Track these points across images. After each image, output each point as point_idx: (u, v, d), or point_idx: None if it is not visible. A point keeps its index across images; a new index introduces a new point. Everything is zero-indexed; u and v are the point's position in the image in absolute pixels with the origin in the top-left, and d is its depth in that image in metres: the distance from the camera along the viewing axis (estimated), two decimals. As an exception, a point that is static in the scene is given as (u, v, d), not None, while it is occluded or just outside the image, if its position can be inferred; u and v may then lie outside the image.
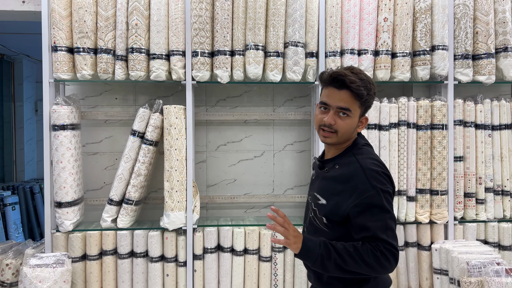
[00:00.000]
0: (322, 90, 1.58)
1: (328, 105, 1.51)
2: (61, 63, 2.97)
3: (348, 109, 1.49)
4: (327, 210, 1.54)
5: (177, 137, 2.99)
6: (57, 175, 2.94)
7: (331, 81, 1.51)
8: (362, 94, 1.50)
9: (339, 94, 1.49)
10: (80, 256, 3.01)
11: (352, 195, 1.47)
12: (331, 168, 1.58)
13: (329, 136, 1.51)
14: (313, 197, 1.63)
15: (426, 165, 3.17)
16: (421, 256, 3.22)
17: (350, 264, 1.42)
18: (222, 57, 3.00)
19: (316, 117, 1.54)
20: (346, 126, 1.50)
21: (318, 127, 1.53)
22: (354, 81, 1.48)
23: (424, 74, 3.17)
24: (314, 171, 1.76)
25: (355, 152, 1.56)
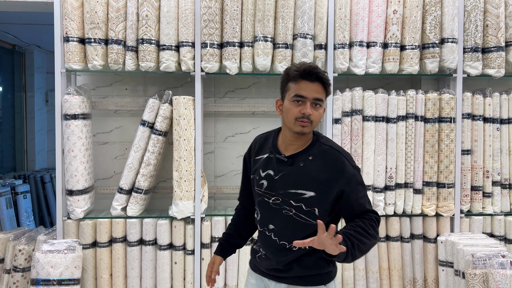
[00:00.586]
0: (289, 84, 1.59)
1: (304, 97, 1.55)
2: (72, 53, 3.01)
3: (322, 100, 1.58)
4: (318, 200, 1.58)
5: (186, 127, 3.02)
6: (69, 164, 2.99)
7: (305, 75, 1.56)
8: (330, 85, 1.61)
9: (313, 86, 1.55)
10: (91, 243, 3.07)
11: (339, 179, 1.57)
12: (305, 160, 1.61)
13: (307, 126, 1.56)
14: (290, 194, 1.60)
15: (433, 158, 3.18)
16: (426, 248, 3.24)
17: (367, 244, 1.52)
18: (231, 49, 3.02)
19: (291, 110, 1.56)
20: (319, 116, 1.58)
21: (294, 120, 1.56)
22: (324, 74, 1.58)
23: (433, 67, 3.17)
24: (269, 170, 1.65)
25: (322, 141, 1.65)
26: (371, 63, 3.15)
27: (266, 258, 1.74)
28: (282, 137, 1.70)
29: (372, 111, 3.12)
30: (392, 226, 3.20)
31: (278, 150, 1.67)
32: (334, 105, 3.11)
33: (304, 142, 1.65)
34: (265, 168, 1.67)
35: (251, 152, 1.79)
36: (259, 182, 1.68)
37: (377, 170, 3.15)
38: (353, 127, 3.13)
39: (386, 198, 3.18)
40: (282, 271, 1.69)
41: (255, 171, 1.71)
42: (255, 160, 1.73)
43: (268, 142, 1.73)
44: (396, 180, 3.18)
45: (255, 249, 1.82)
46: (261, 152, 1.73)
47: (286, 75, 1.61)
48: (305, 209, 1.59)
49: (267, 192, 1.65)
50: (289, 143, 1.66)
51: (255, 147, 1.77)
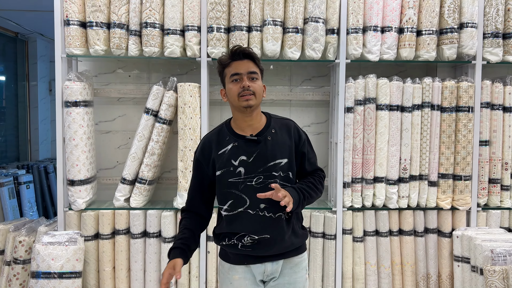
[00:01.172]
0: (225, 71, 1.75)
1: (239, 74, 1.70)
2: (73, 37, 2.89)
3: (256, 72, 1.72)
4: (290, 165, 1.77)
5: (191, 116, 2.90)
6: (70, 153, 2.88)
7: (233, 56, 1.72)
8: (259, 59, 1.77)
9: (244, 63, 1.71)
10: (93, 235, 2.97)
11: (299, 143, 1.82)
12: (270, 134, 1.77)
13: (251, 98, 1.68)
14: (270, 167, 1.73)
15: (449, 149, 3.04)
16: (441, 243, 3.11)
17: (314, 197, 1.82)
18: (238, 33, 2.89)
19: (232, 90, 1.71)
20: (258, 87, 1.71)
21: (237, 96, 1.68)
22: (250, 50, 1.75)
23: (450, 53, 3.01)
24: (240, 156, 1.75)
25: (274, 117, 1.85)
26: (386, 49, 3.00)
27: (259, 243, 1.75)
28: (236, 123, 1.79)
29: (386, 99, 2.98)
30: (406, 220, 3.08)
31: (242, 135, 1.76)
32: (347, 93, 2.97)
33: (258, 120, 1.79)
34: (236, 156, 1.74)
35: (206, 152, 1.80)
36: (235, 172, 1.74)
37: (390, 162, 3.02)
38: (366, 116, 2.99)
39: (400, 190, 3.05)
40: (282, 248, 1.77)
41: (224, 164, 1.75)
42: (218, 155, 1.76)
43: (223, 135, 1.79)
44: (411, 172, 3.05)
45: (231, 244, 1.78)
46: (222, 146, 1.77)
47: (220, 64, 1.77)
48: (283, 175, 1.75)
49: (247, 176, 1.73)
50: (245, 125, 1.77)
51: (212, 144, 1.80)
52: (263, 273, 1.79)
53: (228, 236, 1.79)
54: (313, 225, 3.06)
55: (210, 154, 1.78)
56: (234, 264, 1.81)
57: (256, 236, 1.74)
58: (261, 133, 1.77)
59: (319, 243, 3.05)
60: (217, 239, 1.85)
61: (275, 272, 1.80)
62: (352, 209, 3.06)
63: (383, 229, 3.07)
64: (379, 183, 3.03)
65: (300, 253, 1.85)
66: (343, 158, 3.00)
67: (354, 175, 3.03)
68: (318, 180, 1.86)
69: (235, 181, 1.74)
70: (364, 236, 3.09)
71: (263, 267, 1.78)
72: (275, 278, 1.81)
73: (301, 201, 1.73)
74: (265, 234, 1.74)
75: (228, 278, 1.83)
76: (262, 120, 1.82)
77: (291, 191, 1.70)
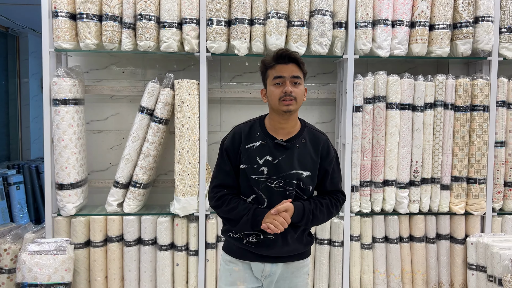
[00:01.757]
0: (268, 72, 1.73)
1: (283, 77, 1.67)
2: (62, 30, 2.68)
3: (299, 77, 1.70)
4: (312, 179, 1.75)
5: (189, 115, 2.71)
6: (58, 154, 2.69)
7: (278, 58, 1.70)
8: (304, 63, 1.74)
9: (288, 67, 1.69)
10: (83, 243, 2.78)
11: (326, 160, 1.78)
12: (300, 143, 1.74)
13: (291, 104, 1.66)
14: (292, 175, 1.72)
15: (463, 150, 2.87)
16: (454, 250, 2.95)
17: (320, 220, 1.80)
18: (240, 26, 2.69)
19: (274, 92, 1.69)
20: (300, 92, 1.70)
21: (278, 100, 1.67)
22: (296, 55, 1.72)
23: (465, 49, 2.84)
24: (266, 156, 1.74)
25: (309, 126, 1.82)
26: (397, 44, 2.82)
27: (263, 243, 1.76)
28: (271, 123, 1.77)
29: (397, 97, 2.80)
30: (417, 226, 2.91)
31: (273, 136, 1.75)
32: (355, 91, 2.78)
33: (293, 125, 1.76)
34: (262, 155, 1.74)
35: (236, 142, 1.78)
36: (258, 170, 1.73)
37: (401, 164, 2.84)
38: (375, 116, 2.81)
39: (411, 194, 2.87)
40: (284, 251, 1.77)
41: (249, 160, 1.74)
42: (245, 149, 1.75)
43: (254, 130, 1.78)
44: (422, 174, 2.88)
45: (237, 237, 1.79)
46: (251, 141, 1.76)
47: (263, 64, 1.75)
48: (302, 187, 1.75)
49: (269, 177, 1.73)
50: (279, 127, 1.75)
51: (242, 136, 1.78)
52: (261, 272, 1.80)
53: (235, 229, 1.80)
54: (319, 231, 2.88)
55: (239, 145, 1.78)
56: (235, 258, 1.83)
57: (262, 235, 1.75)
58: (292, 139, 1.76)
59: (325, 251, 2.87)
60: (225, 230, 1.85)
61: (274, 274, 1.81)
62: (360, 214, 2.88)
63: (393, 235, 2.90)
64: (389, 187, 2.85)
65: (303, 258, 1.86)
66: (351, 160, 2.83)
67: (363, 178, 2.85)
68: (334, 203, 1.82)
69: (257, 179, 1.75)
70: (373, 243, 2.91)
71: (262, 266, 1.80)
72: (273, 279, 1.81)
73: (304, 221, 1.73)
74: (271, 234, 1.74)
75: (228, 269, 1.84)
76: (297, 126, 1.79)
77: (297, 209, 1.71)
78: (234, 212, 1.74)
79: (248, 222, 1.71)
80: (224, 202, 1.76)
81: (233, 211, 1.74)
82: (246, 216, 1.72)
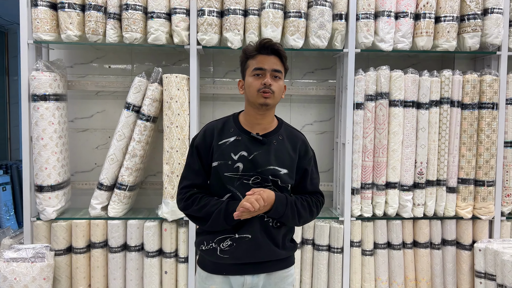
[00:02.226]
0: (248, 62, 1.64)
1: (263, 69, 1.60)
2: (42, 21, 2.50)
3: (280, 71, 1.62)
4: (290, 177, 1.67)
5: (178, 112, 2.52)
6: (38, 154, 2.50)
7: (261, 49, 1.61)
8: (286, 58, 1.65)
9: (270, 59, 1.60)
10: (65, 249, 2.60)
11: (304, 159, 1.71)
12: (277, 140, 1.67)
13: (269, 97, 1.59)
14: (269, 171, 1.64)
15: (471, 151, 2.70)
16: (460, 257, 2.78)
17: (303, 216, 1.68)
18: (233, 17, 2.51)
19: (252, 84, 1.61)
20: (279, 87, 1.62)
21: (256, 92, 1.59)
22: (280, 47, 1.62)
23: (473, 42, 2.67)
24: (241, 151, 1.64)
25: (285, 124, 1.75)
26: (400, 38, 2.65)
27: (239, 246, 1.63)
28: (246, 118, 1.69)
29: (401, 94, 2.63)
30: (421, 231, 2.74)
31: (248, 131, 1.66)
32: (356, 87, 2.61)
33: (270, 121, 1.69)
34: (236, 150, 1.64)
35: (208, 139, 1.68)
36: (233, 166, 1.63)
37: (405, 165, 2.67)
38: (377, 114, 2.64)
39: (415, 197, 2.70)
40: (264, 255, 1.65)
41: (222, 156, 1.64)
42: (218, 145, 1.65)
43: (228, 126, 1.69)
44: (427, 176, 2.71)
45: (210, 249, 1.65)
46: (224, 136, 1.67)
47: (244, 54, 1.66)
48: (280, 185, 1.66)
49: (245, 174, 1.63)
50: (255, 123, 1.67)
51: (214, 133, 1.68)
52: (242, 286, 1.67)
53: (208, 237, 1.65)
54: (317, 236, 2.70)
55: (211, 142, 1.67)
56: (212, 274, 1.68)
57: (237, 234, 1.62)
58: (268, 135, 1.68)
59: (323, 257, 2.69)
60: (197, 242, 1.72)
61: (256, 287, 1.67)
62: (361, 219, 2.71)
63: (396, 241, 2.73)
64: (391, 189, 2.68)
65: (286, 267, 1.73)
66: (351, 160, 2.65)
67: (364, 180, 2.67)
68: (315, 203, 1.73)
69: (231, 176, 1.64)
70: (375, 249, 2.74)
71: (242, 279, 1.66)
72: None
73: (286, 211, 1.61)
74: (246, 233, 1.62)
75: (205, 285, 1.69)
76: (273, 122, 1.71)
77: (279, 199, 1.61)
78: (205, 210, 1.60)
79: (221, 214, 1.58)
80: (195, 201, 1.63)
81: (204, 208, 1.60)
82: (218, 209, 1.58)
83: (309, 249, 2.72)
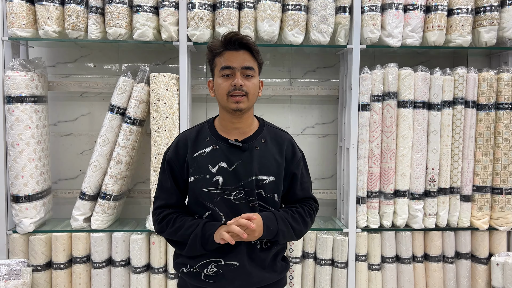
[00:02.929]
0: (215, 60, 1.47)
1: (232, 68, 1.42)
2: (17, 15, 2.29)
3: (252, 68, 1.45)
4: (277, 185, 1.50)
5: (167, 114, 2.31)
6: (13, 161, 2.29)
7: (227, 44, 1.43)
8: (258, 50, 1.47)
9: (239, 55, 1.43)
10: (44, 264, 2.39)
11: (292, 162, 1.53)
12: (259, 144, 1.50)
13: (242, 100, 1.42)
14: (252, 182, 1.46)
15: (487, 155, 2.47)
16: (476, 271, 2.56)
17: (297, 231, 1.52)
18: (226, 11, 2.30)
19: (221, 86, 1.43)
20: (253, 86, 1.45)
21: (226, 96, 1.42)
22: (248, 40, 1.44)
23: (489, 37, 2.45)
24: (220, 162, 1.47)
25: (268, 124, 1.58)
26: (409, 32, 2.43)
27: (226, 273, 1.46)
28: (221, 123, 1.51)
29: (410, 94, 2.41)
30: (433, 243, 2.51)
31: (225, 138, 1.48)
32: (361, 86, 2.39)
33: (249, 124, 1.51)
34: (214, 162, 1.47)
35: (181, 152, 1.50)
36: (212, 180, 1.46)
37: (415, 171, 2.45)
38: (385, 115, 2.42)
39: (426, 207, 2.48)
40: (254, 282, 1.50)
41: (198, 170, 1.46)
42: (193, 158, 1.48)
43: (203, 135, 1.52)
44: (439, 184, 2.49)
45: (193, 272, 1.49)
46: (199, 148, 1.49)
47: (209, 51, 1.48)
48: (265, 196, 1.48)
49: (225, 189, 1.46)
50: (232, 128, 1.49)
51: (187, 144, 1.50)
52: None
53: (190, 261, 1.49)
54: (319, 249, 2.48)
55: (184, 155, 1.50)
56: None
57: (223, 261, 1.47)
58: (249, 140, 1.50)
59: (326, 273, 2.47)
60: (177, 264, 1.54)
61: None
62: (367, 230, 2.49)
63: (406, 254, 2.51)
64: (400, 198, 2.46)
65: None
66: (356, 167, 2.43)
67: (370, 188, 2.45)
68: (307, 212, 1.56)
69: (210, 191, 1.46)
70: (382, 263, 2.53)
71: None
72: None
73: (279, 227, 1.45)
74: (234, 260, 1.46)
75: None
76: (254, 125, 1.53)
77: (266, 217, 1.44)
78: (180, 232, 1.42)
79: (197, 240, 1.40)
80: (169, 222, 1.45)
81: (179, 230, 1.42)
82: (193, 234, 1.41)
83: (311, 263, 2.50)
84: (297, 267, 2.48)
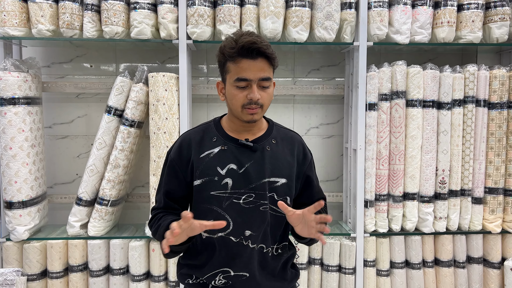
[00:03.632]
0: (228, 65, 1.34)
1: (248, 80, 1.32)
2: (9, 13, 2.20)
3: (269, 78, 1.35)
4: (289, 187, 1.43)
5: (166, 116, 2.21)
6: (6, 166, 2.19)
7: (244, 52, 1.30)
8: (275, 56, 1.36)
9: (256, 65, 1.32)
10: (39, 273, 2.30)
11: (304, 163, 1.48)
12: (270, 144, 1.44)
13: (256, 113, 1.36)
14: (264, 184, 1.38)
15: (500, 156, 2.38)
16: (488, 276, 2.47)
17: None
18: (227, 7, 2.21)
19: (235, 97, 1.34)
20: (269, 97, 1.38)
21: (241, 107, 1.34)
22: (267, 46, 1.33)
23: (501, 33, 2.36)
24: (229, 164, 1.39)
25: (276, 124, 1.53)
26: (418, 29, 2.34)
27: (235, 285, 1.40)
28: (230, 125, 1.44)
29: (419, 93, 2.32)
30: (444, 247, 2.42)
31: (235, 138, 1.41)
32: (368, 85, 2.30)
33: (259, 126, 1.46)
34: (223, 163, 1.39)
35: (185, 153, 1.42)
36: (220, 183, 1.38)
37: (425, 173, 2.36)
38: (393, 115, 2.33)
39: (436, 210, 2.39)
40: None
41: (206, 173, 1.38)
42: (199, 159, 1.39)
43: (209, 135, 1.44)
44: (450, 186, 2.40)
45: (199, 283, 1.42)
46: (206, 148, 1.41)
47: (222, 54, 1.36)
48: (277, 199, 1.40)
49: (234, 192, 1.38)
50: (242, 130, 1.43)
51: (192, 144, 1.42)
52: None
53: (196, 271, 1.41)
54: (326, 255, 2.39)
55: (189, 155, 1.41)
56: None
57: (232, 272, 1.40)
58: (259, 140, 1.43)
59: (333, 279, 2.38)
60: (181, 274, 1.46)
61: None
62: (375, 235, 2.40)
63: (415, 259, 2.42)
64: (410, 201, 2.37)
65: None
66: (364, 169, 2.34)
67: (379, 191, 2.36)
68: (325, 212, 1.50)
69: (218, 195, 1.38)
70: (391, 268, 2.44)
71: None
72: None
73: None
74: (244, 271, 1.39)
75: None
76: (263, 125, 1.46)
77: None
78: (160, 231, 1.32)
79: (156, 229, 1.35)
80: (155, 221, 1.38)
81: (159, 230, 1.33)
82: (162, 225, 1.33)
83: (317, 269, 2.40)
84: (303, 273, 2.39)
